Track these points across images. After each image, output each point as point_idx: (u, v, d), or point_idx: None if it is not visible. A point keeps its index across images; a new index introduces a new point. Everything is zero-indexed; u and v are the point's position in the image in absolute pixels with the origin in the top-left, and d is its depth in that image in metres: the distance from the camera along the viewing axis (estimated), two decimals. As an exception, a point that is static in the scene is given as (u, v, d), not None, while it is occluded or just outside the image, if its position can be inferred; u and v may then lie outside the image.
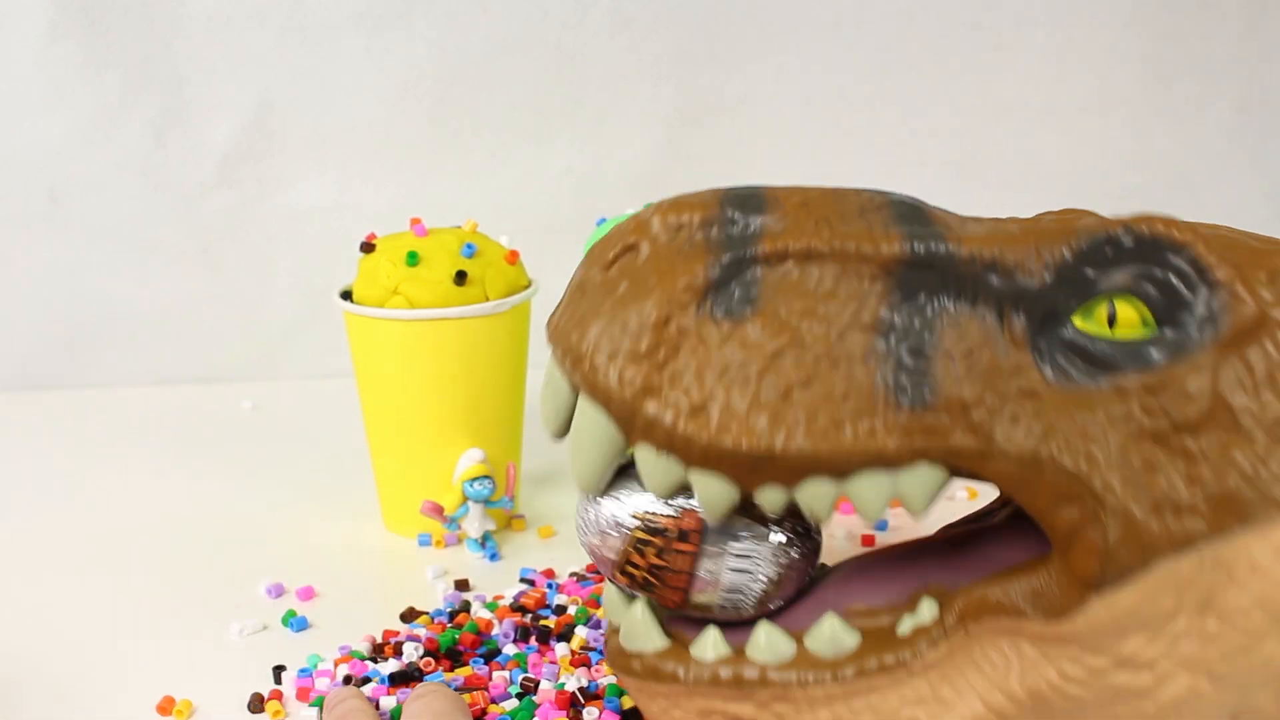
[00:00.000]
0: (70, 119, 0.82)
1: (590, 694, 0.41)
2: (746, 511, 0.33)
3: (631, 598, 0.36)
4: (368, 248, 0.55)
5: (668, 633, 0.35)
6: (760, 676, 0.33)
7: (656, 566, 0.34)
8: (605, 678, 0.42)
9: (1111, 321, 0.30)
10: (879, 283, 0.31)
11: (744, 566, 0.34)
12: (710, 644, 0.34)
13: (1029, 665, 0.31)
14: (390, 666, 0.42)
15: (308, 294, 0.88)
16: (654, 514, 0.34)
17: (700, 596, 0.34)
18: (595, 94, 0.86)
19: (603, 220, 0.60)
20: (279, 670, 0.44)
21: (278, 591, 0.51)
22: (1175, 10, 0.89)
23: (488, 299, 0.54)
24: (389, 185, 0.87)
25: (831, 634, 0.33)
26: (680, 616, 0.36)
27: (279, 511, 0.61)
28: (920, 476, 0.31)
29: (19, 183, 0.83)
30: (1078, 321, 0.31)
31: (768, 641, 0.33)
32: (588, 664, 0.43)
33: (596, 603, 0.48)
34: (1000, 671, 0.32)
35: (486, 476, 0.54)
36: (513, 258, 0.56)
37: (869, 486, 0.31)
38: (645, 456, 0.32)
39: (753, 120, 0.88)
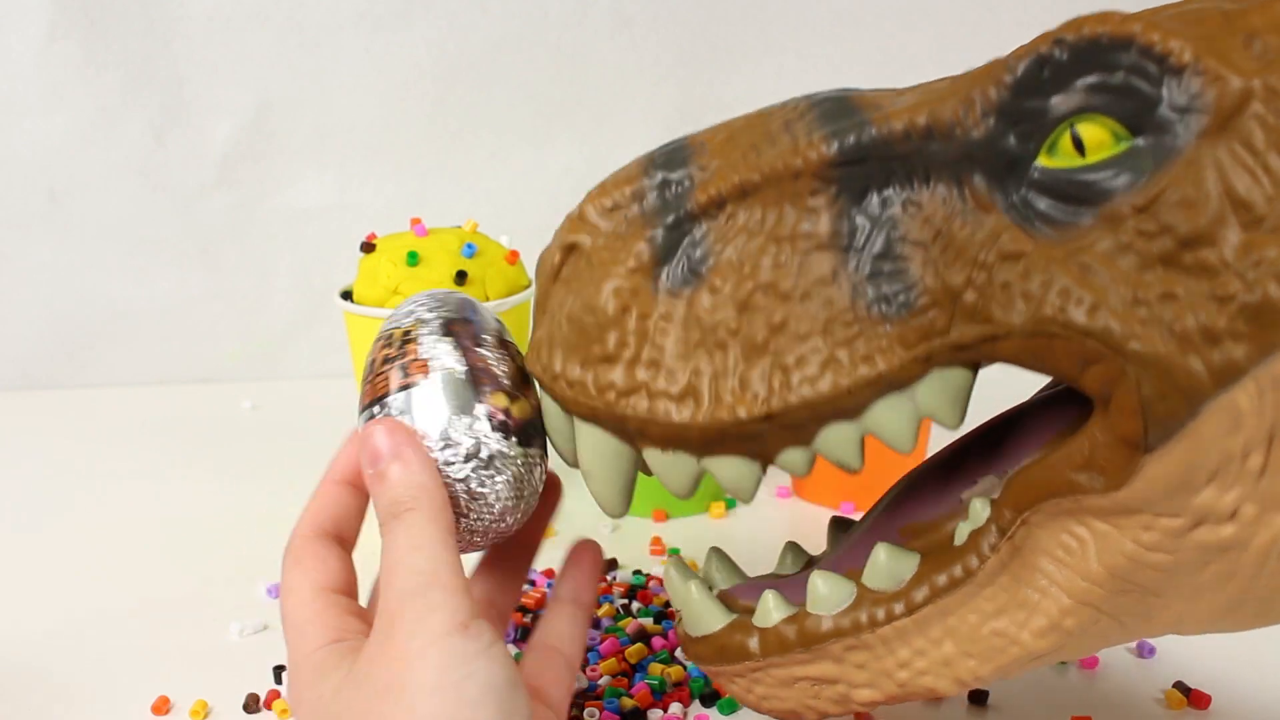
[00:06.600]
0: (70, 119, 0.82)
1: (590, 694, 0.41)
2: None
3: (688, 579, 0.34)
4: (368, 248, 0.55)
5: (731, 608, 0.33)
6: (830, 627, 0.31)
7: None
8: (604, 678, 0.42)
9: (1080, 148, 0.26)
10: (821, 195, 0.28)
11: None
12: (771, 607, 0.32)
13: (1103, 542, 0.28)
14: (390, 666, 0.42)
15: (308, 294, 0.88)
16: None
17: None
18: (595, 94, 0.86)
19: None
20: (279, 670, 0.44)
21: (278, 591, 0.51)
22: (1175, 10, 0.89)
23: (488, 299, 0.54)
24: (389, 185, 0.87)
25: (887, 562, 0.31)
26: (741, 588, 0.34)
27: (279, 511, 0.61)
28: (937, 385, 0.28)
29: (19, 183, 0.83)
30: (1044, 161, 0.27)
31: (826, 588, 0.31)
32: (586, 664, 0.43)
33: (596, 603, 0.48)
34: (1076, 555, 0.28)
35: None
36: (513, 258, 0.56)
37: (889, 415, 0.28)
38: (654, 459, 0.30)
39: (753, 120, 0.88)
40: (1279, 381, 0.25)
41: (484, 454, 0.30)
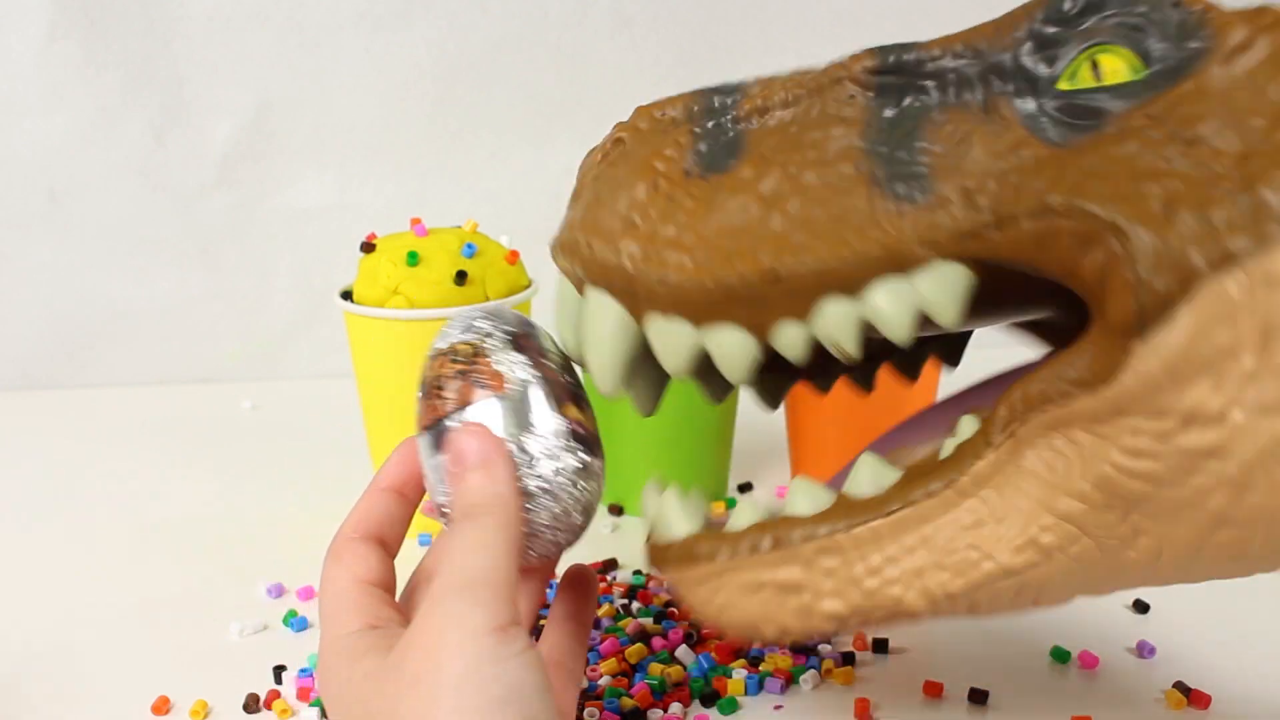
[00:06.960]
0: (70, 119, 0.82)
1: (590, 694, 0.41)
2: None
3: (664, 489, 0.34)
4: (368, 248, 0.55)
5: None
6: (804, 531, 0.30)
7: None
8: (604, 678, 0.42)
9: (1098, 76, 0.29)
10: (858, 98, 0.31)
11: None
12: (744, 509, 0.32)
13: (1089, 454, 0.28)
14: (390, 666, 0.42)
15: (308, 294, 0.88)
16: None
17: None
18: (595, 94, 0.86)
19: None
20: (279, 670, 0.44)
21: (278, 591, 0.51)
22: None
23: (488, 299, 0.54)
24: (389, 185, 0.87)
25: (871, 472, 0.31)
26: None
27: (279, 511, 0.61)
28: (939, 276, 0.29)
29: (19, 183, 0.83)
30: (1064, 85, 0.29)
31: (805, 492, 0.31)
32: (586, 664, 0.43)
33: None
34: (1060, 471, 0.28)
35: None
36: (513, 258, 0.56)
37: (888, 298, 0.29)
38: (656, 328, 0.31)
39: (753, 120, 0.88)
40: (1271, 280, 0.25)
41: (563, 464, 0.31)
